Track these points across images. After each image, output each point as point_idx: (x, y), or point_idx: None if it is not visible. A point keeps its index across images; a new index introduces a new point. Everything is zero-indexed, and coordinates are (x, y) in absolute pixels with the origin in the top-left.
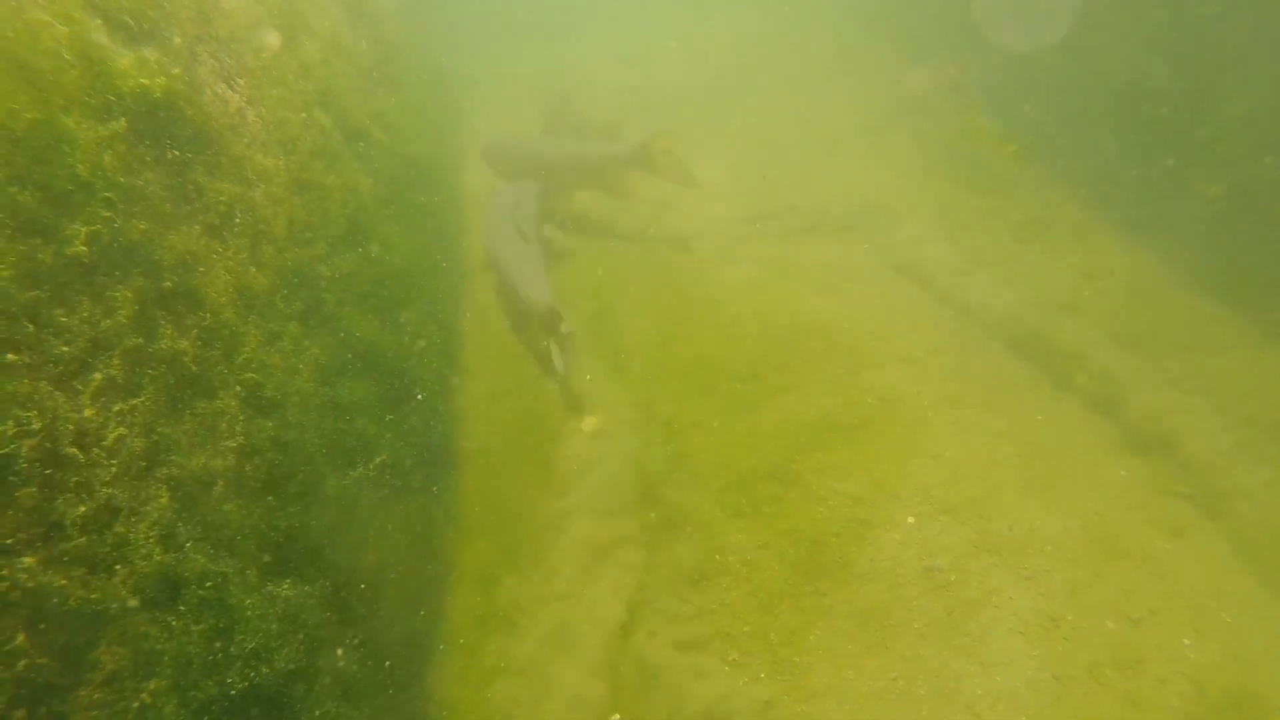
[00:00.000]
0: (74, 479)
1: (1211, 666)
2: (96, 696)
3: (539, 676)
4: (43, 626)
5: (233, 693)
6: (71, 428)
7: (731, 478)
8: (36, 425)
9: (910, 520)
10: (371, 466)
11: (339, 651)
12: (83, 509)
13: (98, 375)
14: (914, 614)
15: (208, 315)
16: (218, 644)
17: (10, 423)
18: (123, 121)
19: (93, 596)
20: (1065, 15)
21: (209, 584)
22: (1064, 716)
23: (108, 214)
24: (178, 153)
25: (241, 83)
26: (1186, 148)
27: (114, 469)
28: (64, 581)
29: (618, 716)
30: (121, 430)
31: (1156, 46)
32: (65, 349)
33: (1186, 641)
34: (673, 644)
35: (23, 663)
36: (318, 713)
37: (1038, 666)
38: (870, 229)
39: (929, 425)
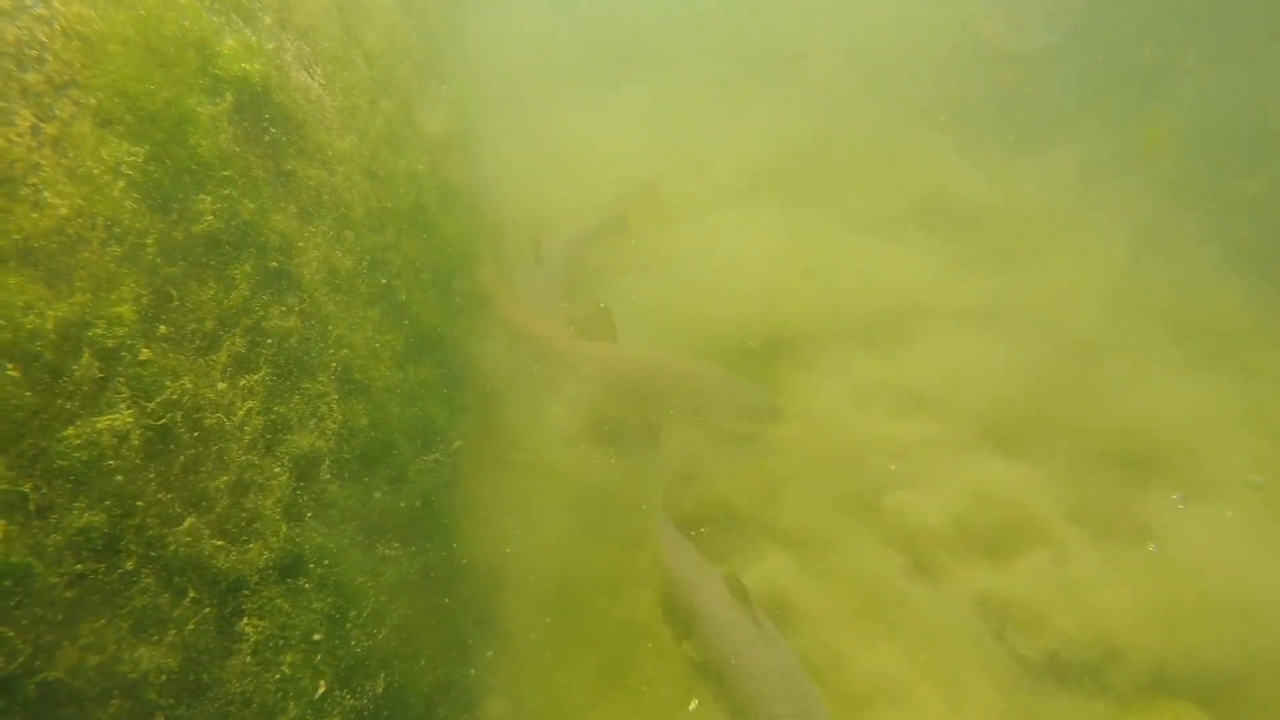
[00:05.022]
0: (215, 448)
1: None
2: (247, 663)
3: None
4: (203, 592)
5: (358, 650)
6: (210, 400)
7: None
8: (185, 397)
9: None
10: (449, 451)
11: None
12: (224, 479)
13: (225, 351)
14: None
15: (306, 296)
16: (337, 617)
17: (166, 393)
18: (229, 100)
19: (239, 564)
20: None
21: (326, 561)
22: None
23: (226, 191)
24: (274, 132)
25: (319, 70)
26: None
27: (246, 441)
28: (218, 544)
29: (696, 702)
30: (251, 404)
31: None
32: (198, 324)
33: None
34: None
35: (192, 624)
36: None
37: None
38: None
39: None
